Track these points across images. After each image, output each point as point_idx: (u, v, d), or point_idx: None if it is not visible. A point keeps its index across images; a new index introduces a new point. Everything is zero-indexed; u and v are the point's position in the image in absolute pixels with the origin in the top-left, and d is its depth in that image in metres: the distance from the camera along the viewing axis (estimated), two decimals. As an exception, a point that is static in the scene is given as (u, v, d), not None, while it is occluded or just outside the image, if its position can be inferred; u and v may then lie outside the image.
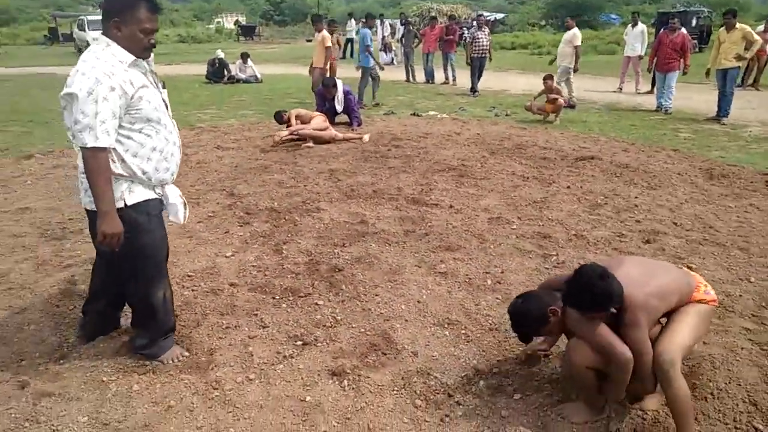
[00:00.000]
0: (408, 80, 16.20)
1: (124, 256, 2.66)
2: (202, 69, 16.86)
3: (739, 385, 2.74)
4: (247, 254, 4.10)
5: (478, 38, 13.24)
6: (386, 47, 23.29)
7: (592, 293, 2.28)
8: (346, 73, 17.50)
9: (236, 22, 47.21)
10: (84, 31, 26.48)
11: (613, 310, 2.33)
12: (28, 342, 3.07)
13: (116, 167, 2.52)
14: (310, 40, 41.03)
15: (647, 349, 2.36)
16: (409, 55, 16.61)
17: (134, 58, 2.50)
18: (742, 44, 9.72)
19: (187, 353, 2.95)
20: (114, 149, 2.48)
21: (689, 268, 3.97)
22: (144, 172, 2.59)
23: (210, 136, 8.07)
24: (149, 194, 2.66)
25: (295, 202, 5.15)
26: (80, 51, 26.93)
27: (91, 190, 2.44)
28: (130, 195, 2.59)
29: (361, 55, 11.40)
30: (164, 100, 2.69)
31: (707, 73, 10.54)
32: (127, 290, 2.88)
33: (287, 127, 7.72)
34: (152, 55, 2.78)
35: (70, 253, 4.14)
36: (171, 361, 2.88)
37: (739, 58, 9.76)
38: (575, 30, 12.00)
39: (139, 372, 2.82)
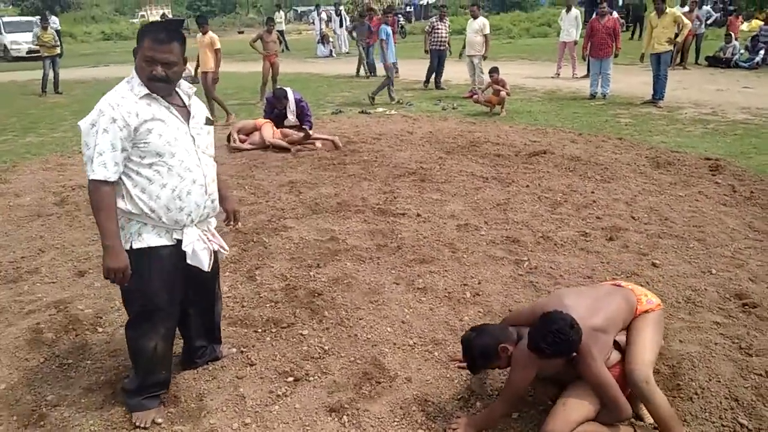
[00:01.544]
0: (369, 76, 15.84)
1: (122, 290, 2.66)
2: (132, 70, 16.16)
3: (719, 381, 2.88)
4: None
5: (437, 29, 12.90)
6: (323, 39, 23.04)
7: (563, 342, 2.34)
8: (287, 68, 17.23)
9: (163, 16, 45.48)
10: (0, 33, 24.80)
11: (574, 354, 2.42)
12: (1, 404, 2.88)
13: (124, 203, 2.45)
14: (242, 32, 39.99)
15: (607, 379, 2.43)
16: (368, 50, 16.08)
17: (147, 91, 2.43)
18: (673, 28, 10.15)
19: (160, 420, 2.74)
20: (123, 184, 2.43)
21: (653, 264, 4.15)
22: (152, 210, 2.47)
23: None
24: (160, 240, 2.54)
25: (260, 221, 5.04)
26: (-5, 55, 25.32)
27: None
28: (138, 239, 2.51)
29: (389, 52, 11.55)
30: (192, 135, 2.56)
31: (641, 58, 10.99)
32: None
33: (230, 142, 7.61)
34: (193, 88, 2.69)
35: (29, 296, 3.90)
36: (140, 424, 2.69)
37: (670, 41, 10.20)
38: (483, 19, 12.16)
39: (128, 427, 2.69)
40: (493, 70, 10.30)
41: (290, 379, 3.02)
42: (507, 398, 2.58)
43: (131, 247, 2.49)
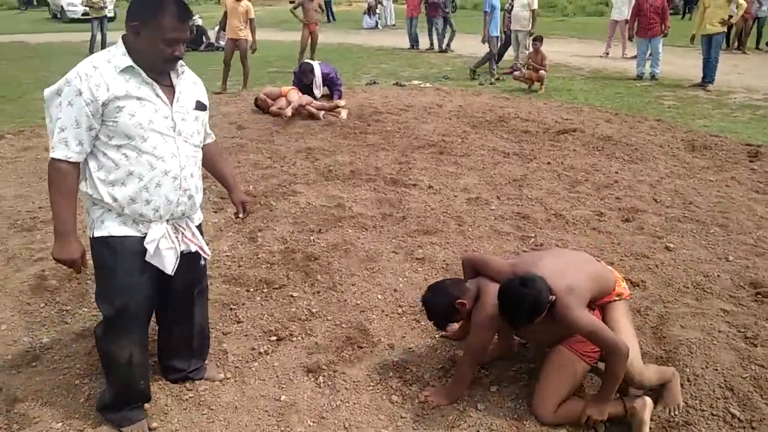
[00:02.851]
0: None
1: (96, 287, 2.37)
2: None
3: (716, 370, 2.75)
4: (221, 243, 4.03)
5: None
6: (370, 10, 22.81)
7: (525, 305, 2.31)
8: (330, 38, 17.19)
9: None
10: (60, -7, 25.43)
11: (551, 297, 2.35)
12: (0, 343, 3.00)
13: (85, 185, 2.19)
14: (293, 1, 39.88)
15: (593, 323, 2.38)
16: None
17: (130, 63, 2.12)
18: (728, 8, 9.60)
19: (155, 424, 2.47)
20: (87, 164, 2.15)
21: (667, 248, 3.98)
22: (114, 200, 2.16)
23: (186, 113, 7.88)
24: (124, 230, 2.22)
25: (271, 185, 5.06)
26: (55, 17, 26.00)
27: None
28: (100, 226, 2.21)
29: (492, 26, 10.98)
30: (174, 120, 2.22)
31: (692, 39, 10.44)
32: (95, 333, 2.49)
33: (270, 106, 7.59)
34: (183, 65, 2.31)
35: (40, 245, 4.02)
36: None
37: (723, 22, 9.66)
38: None
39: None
40: (537, 39, 9.96)
41: (273, 338, 3.04)
42: (469, 360, 2.58)
43: (93, 235, 2.23)
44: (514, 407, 2.57)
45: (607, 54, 14.13)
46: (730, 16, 9.78)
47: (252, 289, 3.48)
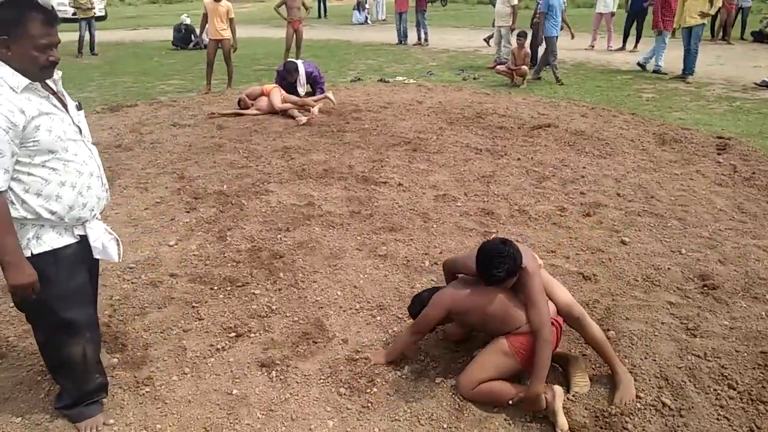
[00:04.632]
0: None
1: (27, 306, 2.38)
2: (170, 34, 16.50)
3: (654, 360, 2.88)
4: (190, 242, 4.14)
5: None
6: (359, 5, 22.84)
7: (505, 259, 2.55)
8: (319, 34, 17.25)
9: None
10: (47, -4, 25.48)
11: (524, 265, 2.61)
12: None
13: (17, 210, 2.19)
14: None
15: (543, 301, 2.62)
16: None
17: (29, 81, 2.14)
18: (706, 0, 9.67)
19: (112, 420, 2.59)
20: (11, 189, 2.16)
21: (622, 242, 4.09)
22: (53, 213, 2.24)
23: (168, 112, 7.97)
24: (62, 240, 2.32)
25: (244, 184, 5.16)
26: None
27: None
28: (37, 243, 2.26)
29: (546, 23, 9.99)
30: (77, 125, 2.34)
31: (673, 32, 10.52)
32: (37, 342, 2.54)
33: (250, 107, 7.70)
34: (59, 73, 2.33)
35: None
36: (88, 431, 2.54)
37: (703, 15, 9.74)
38: None
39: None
40: (521, 35, 10.00)
41: (232, 334, 3.16)
42: (412, 329, 2.87)
43: (31, 253, 2.24)
44: (454, 397, 2.68)
45: (593, 47, 14.22)
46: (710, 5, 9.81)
47: (216, 287, 3.59)
